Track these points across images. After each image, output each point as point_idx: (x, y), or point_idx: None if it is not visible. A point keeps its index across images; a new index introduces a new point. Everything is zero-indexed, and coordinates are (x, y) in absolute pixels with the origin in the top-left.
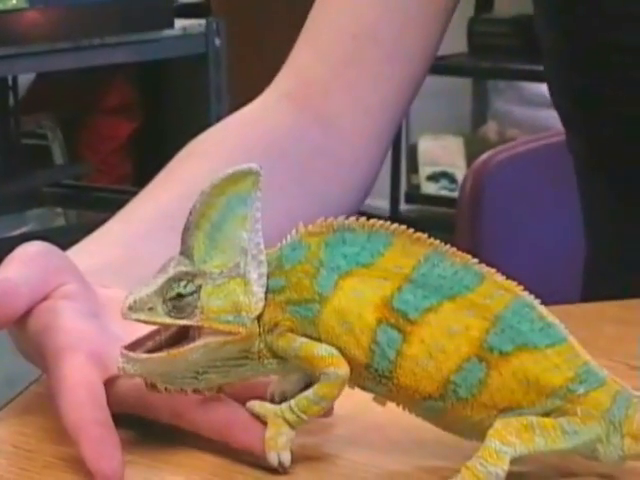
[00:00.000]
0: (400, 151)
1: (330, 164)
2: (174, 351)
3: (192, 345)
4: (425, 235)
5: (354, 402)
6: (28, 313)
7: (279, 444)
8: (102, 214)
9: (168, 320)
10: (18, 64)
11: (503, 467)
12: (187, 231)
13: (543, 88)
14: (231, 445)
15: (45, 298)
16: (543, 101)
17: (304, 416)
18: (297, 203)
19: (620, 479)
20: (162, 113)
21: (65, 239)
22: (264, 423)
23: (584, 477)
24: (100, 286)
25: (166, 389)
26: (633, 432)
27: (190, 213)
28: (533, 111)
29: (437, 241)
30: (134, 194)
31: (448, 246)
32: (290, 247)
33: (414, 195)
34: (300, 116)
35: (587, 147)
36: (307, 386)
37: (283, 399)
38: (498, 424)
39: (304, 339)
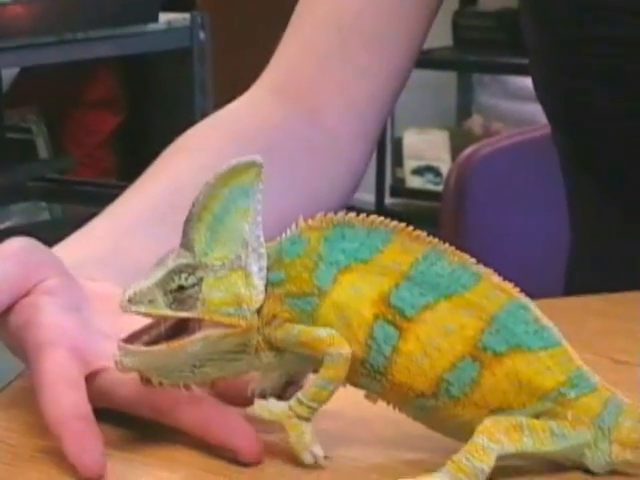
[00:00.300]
0: (385, 145)
1: (318, 159)
2: (174, 343)
3: (192, 337)
4: (424, 233)
5: (341, 397)
6: (9, 309)
7: (307, 443)
8: (87, 208)
9: (169, 312)
10: (1, 58)
11: (489, 463)
12: (189, 223)
13: (528, 82)
14: (209, 442)
15: (26, 294)
16: (528, 95)
17: (315, 405)
18: (285, 197)
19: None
20: (146, 107)
21: (50, 233)
22: (249, 421)
23: (570, 472)
24: (87, 279)
25: (160, 383)
26: (622, 439)
27: (193, 205)
28: (518, 105)
29: (436, 239)
30: (119, 188)
31: (447, 245)
32: (290, 241)
33: (399, 189)
34: (288, 111)
35: (571, 142)
36: (288, 383)
37: (262, 397)
38: (487, 421)
39: (302, 326)
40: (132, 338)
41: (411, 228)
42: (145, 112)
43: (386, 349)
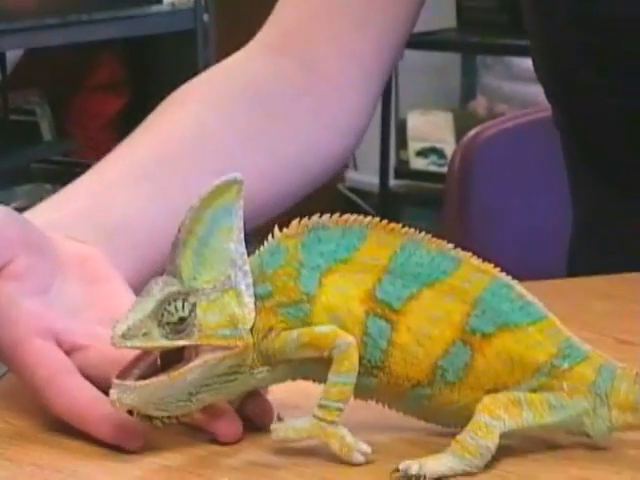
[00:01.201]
0: (389, 126)
1: (316, 104)
2: (174, 373)
3: (191, 365)
4: (399, 225)
5: None
6: None
7: (351, 444)
8: None
9: (166, 343)
10: (6, 40)
11: (493, 440)
12: (175, 249)
13: (532, 63)
14: (189, 424)
15: None
16: (532, 76)
17: (342, 405)
18: (281, 143)
19: (606, 449)
20: (150, 89)
21: None
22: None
23: (571, 449)
24: (68, 238)
25: (162, 419)
26: (620, 403)
27: (179, 230)
28: (522, 86)
29: (411, 230)
30: None
31: (423, 234)
32: (269, 252)
33: (403, 170)
34: (284, 62)
35: (570, 122)
36: (248, 395)
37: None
38: (486, 399)
39: (299, 329)
40: (123, 374)
41: (385, 222)
42: (149, 94)
43: (382, 343)
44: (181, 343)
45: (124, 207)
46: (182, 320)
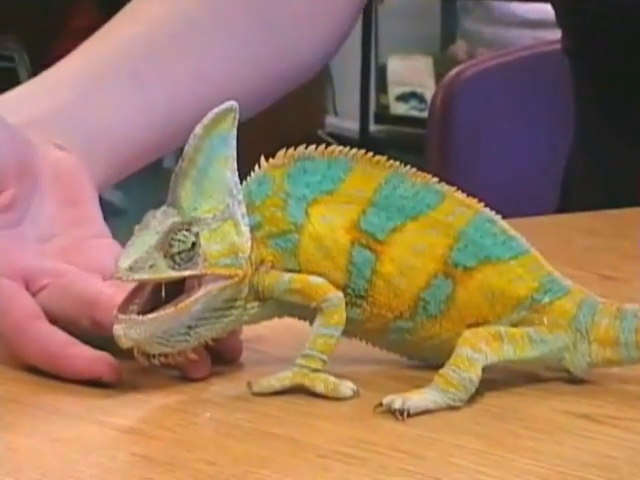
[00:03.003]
0: (369, 72)
1: (300, 11)
2: (181, 304)
3: (196, 295)
4: (384, 158)
5: None
6: None
7: (337, 382)
8: None
9: (173, 274)
10: None
11: (476, 373)
12: (177, 179)
13: (512, 7)
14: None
15: None
16: (512, 20)
17: (326, 356)
18: (264, 51)
19: (589, 383)
20: None
21: None
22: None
23: (554, 383)
24: (48, 144)
25: (160, 357)
26: (600, 338)
27: (182, 159)
28: (502, 30)
29: (397, 163)
30: None
31: (408, 167)
32: (256, 182)
33: (383, 115)
34: None
35: (577, 47)
36: None
37: None
38: (467, 333)
39: (291, 274)
40: (123, 308)
41: (370, 154)
42: None
43: (366, 272)
44: (187, 273)
45: (105, 105)
46: (188, 250)
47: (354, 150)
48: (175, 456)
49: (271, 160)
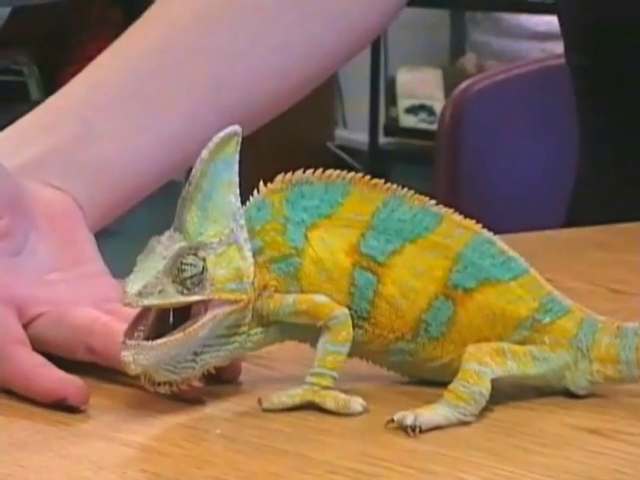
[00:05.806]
0: (378, 84)
1: None
2: (189, 329)
3: (203, 320)
4: (382, 181)
5: None
6: None
7: (347, 399)
8: None
9: (181, 299)
10: None
11: (486, 386)
12: (183, 204)
13: (521, 19)
14: None
15: None
16: (521, 32)
17: (336, 373)
18: (312, 24)
19: (599, 397)
20: None
21: None
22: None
23: (565, 398)
24: (44, 185)
25: (168, 384)
26: (601, 356)
27: (189, 183)
28: (511, 42)
29: (394, 186)
30: None
31: (405, 190)
32: (255, 207)
33: (393, 128)
34: None
35: (583, 50)
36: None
37: None
38: (471, 348)
39: (294, 295)
40: (129, 334)
41: (368, 177)
42: None
43: (368, 294)
44: (195, 298)
45: (109, 140)
46: (197, 275)
47: (351, 174)
48: (185, 472)
49: (270, 185)
